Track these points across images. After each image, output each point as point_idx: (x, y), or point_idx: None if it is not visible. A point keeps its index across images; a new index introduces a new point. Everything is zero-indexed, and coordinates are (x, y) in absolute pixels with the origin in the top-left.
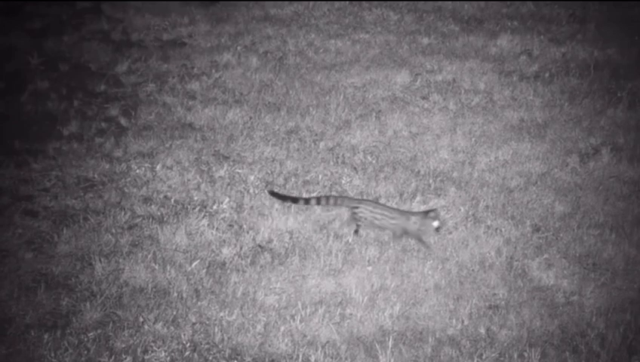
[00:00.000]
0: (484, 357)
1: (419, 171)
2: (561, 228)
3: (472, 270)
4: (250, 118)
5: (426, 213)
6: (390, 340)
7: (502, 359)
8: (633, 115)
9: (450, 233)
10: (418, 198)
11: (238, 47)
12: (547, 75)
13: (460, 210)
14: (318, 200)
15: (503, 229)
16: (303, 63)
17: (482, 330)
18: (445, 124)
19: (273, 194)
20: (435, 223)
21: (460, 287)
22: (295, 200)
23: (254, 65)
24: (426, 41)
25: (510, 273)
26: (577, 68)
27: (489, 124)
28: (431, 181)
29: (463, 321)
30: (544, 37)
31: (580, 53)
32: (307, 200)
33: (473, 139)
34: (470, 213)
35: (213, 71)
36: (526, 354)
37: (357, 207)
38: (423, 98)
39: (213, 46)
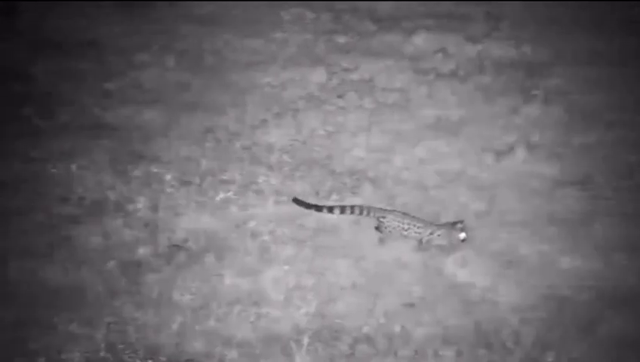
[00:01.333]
0: (399, 354)
1: (335, 170)
2: (477, 225)
3: (388, 268)
4: (167, 117)
5: (453, 224)
6: (306, 338)
7: (417, 356)
8: (548, 112)
9: (366, 231)
10: (334, 197)
11: (155, 47)
12: (463, 73)
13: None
14: (343, 209)
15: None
16: (220, 62)
17: (398, 328)
18: (361, 123)
19: (297, 202)
20: (462, 235)
21: (375, 285)
22: (319, 208)
23: (171, 64)
24: (342, 39)
25: (426, 271)
26: (493, 66)
27: (405, 122)
28: (347, 179)
29: (378, 319)
30: (460, 35)
31: (495, 51)
32: (331, 209)
33: (389, 138)
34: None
35: (130, 70)
36: (441, 352)
37: (384, 217)
38: (339, 97)
39: (130, 46)
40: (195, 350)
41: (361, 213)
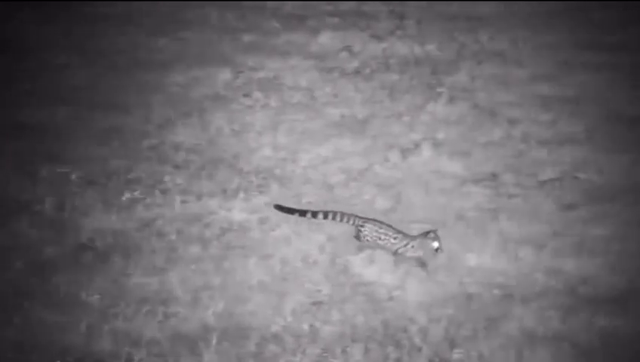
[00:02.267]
0: (307, 352)
1: (242, 168)
2: (383, 223)
3: (296, 267)
4: (74, 117)
5: (426, 234)
6: (214, 338)
7: (325, 355)
8: (453, 110)
9: (274, 230)
10: (241, 195)
11: (63, 47)
12: (368, 71)
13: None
14: (325, 214)
15: (325, 225)
16: (127, 62)
17: (306, 326)
18: (267, 122)
19: (280, 208)
20: (435, 244)
21: (283, 284)
22: (303, 213)
23: (81, 64)
24: (247, 38)
25: (333, 269)
26: (397, 64)
27: (311, 120)
28: (254, 178)
29: (286, 318)
30: (365, 33)
31: (400, 49)
32: (315, 214)
33: (295, 136)
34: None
35: (38, 71)
36: (349, 350)
37: (362, 226)
38: (245, 95)
39: (41, 46)
40: (104, 350)
41: (341, 220)
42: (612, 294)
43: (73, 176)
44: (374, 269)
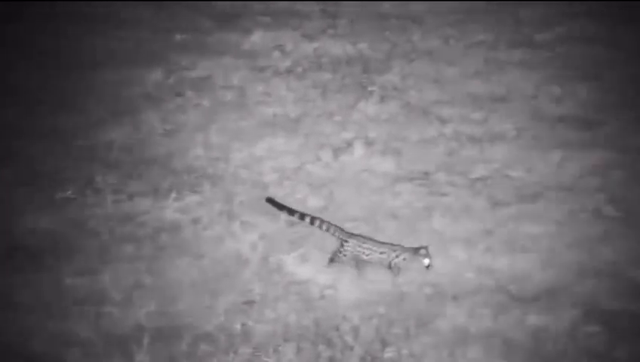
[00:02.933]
0: (239, 352)
1: (174, 168)
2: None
3: (228, 266)
4: (5, 116)
5: (417, 249)
6: (146, 337)
7: (258, 354)
8: (384, 108)
9: (206, 230)
10: (173, 195)
11: None
12: (300, 70)
13: (215, 206)
14: (313, 220)
15: (257, 224)
16: (60, 61)
17: (238, 326)
18: (200, 121)
19: (271, 201)
20: (426, 261)
21: (215, 284)
22: (291, 212)
23: (12, 63)
24: (180, 37)
25: (266, 268)
26: (329, 63)
27: (243, 119)
28: (186, 177)
29: (219, 317)
30: (297, 32)
31: (332, 48)
32: (302, 216)
33: (228, 135)
34: (225, 208)
35: None
36: (281, 349)
37: (346, 241)
38: (178, 95)
39: None
40: (37, 351)
41: (327, 230)
42: (542, 291)
43: (4, 176)
44: (307, 268)
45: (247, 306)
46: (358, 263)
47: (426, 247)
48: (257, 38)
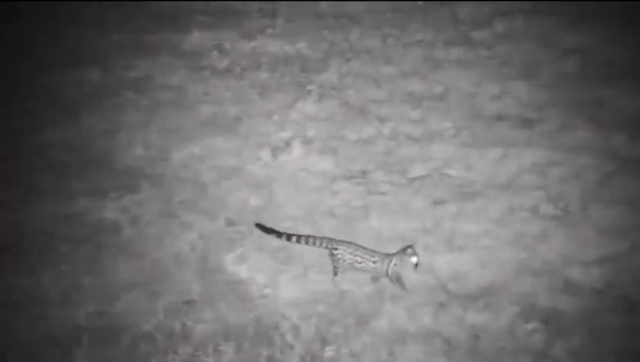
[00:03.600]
0: (179, 352)
1: (113, 168)
2: (255, 221)
3: (167, 266)
4: None
5: (404, 250)
6: (85, 338)
7: (197, 353)
8: (323, 107)
9: (145, 229)
10: (112, 195)
11: None
12: (238, 69)
13: (154, 205)
14: (299, 238)
15: (197, 224)
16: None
17: (177, 325)
18: (139, 120)
19: (260, 227)
20: (414, 259)
21: (155, 283)
22: (279, 234)
23: None
24: (118, 37)
25: (205, 268)
26: (268, 62)
27: (182, 119)
28: (125, 177)
29: (158, 317)
30: (235, 32)
31: (270, 47)
32: (289, 237)
33: (166, 135)
34: (164, 208)
35: None
36: (221, 348)
37: (336, 249)
38: (117, 94)
39: None
40: None
41: (314, 244)
42: (481, 290)
43: None
44: (246, 267)
45: (186, 306)
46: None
47: (411, 246)
48: (196, 37)
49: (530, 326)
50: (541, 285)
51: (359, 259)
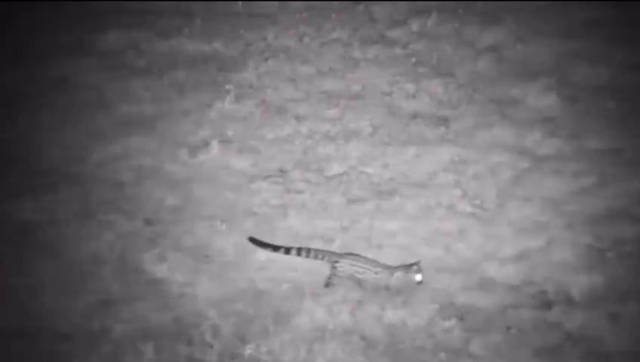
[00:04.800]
0: (99, 352)
1: (31, 169)
2: (173, 220)
3: (86, 266)
4: None
5: (409, 266)
6: (4, 338)
7: (117, 353)
8: (240, 107)
9: (63, 229)
10: (30, 195)
11: None
12: (156, 69)
13: (71, 206)
14: (299, 251)
15: (115, 224)
16: None
17: (97, 325)
18: (57, 120)
19: (254, 241)
20: (419, 276)
21: (74, 284)
22: (276, 248)
23: None
24: (33, 37)
25: (124, 267)
26: (185, 62)
27: (101, 119)
28: (43, 178)
29: (78, 317)
30: (152, 31)
31: (187, 46)
32: (288, 250)
33: (84, 135)
34: (82, 208)
35: None
36: (141, 348)
37: (337, 262)
38: (33, 95)
39: None
40: None
41: (316, 257)
42: (399, 287)
43: None
44: (165, 266)
45: (105, 306)
46: (356, 281)
47: (417, 263)
48: (113, 37)
49: (448, 323)
50: (458, 282)
51: (360, 270)
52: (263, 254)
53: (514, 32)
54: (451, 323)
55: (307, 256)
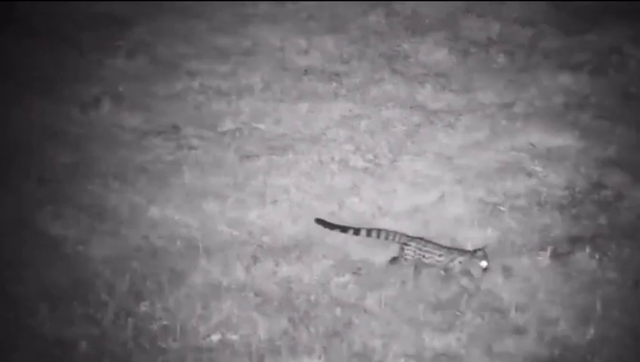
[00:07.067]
0: None
1: None
2: (66, 178)
3: None
4: None
5: (474, 252)
6: None
7: (10, 312)
8: (132, 64)
9: None
10: None
11: None
12: (46, 28)
13: None
14: (369, 231)
15: (8, 182)
16: None
17: None
18: None
19: (321, 222)
20: (483, 263)
21: None
22: (345, 229)
23: None
24: None
25: (17, 226)
26: (77, 19)
27: None
28: None
29: None
30: None
31: (80, 5)
32: (357, 231)
33: None
34: None
35: None
36: (35, 307)
37: (407, 244)
38: None
39: None
40: None
41: (387, 238)
42: (294, 243)
43: None
44: (59, 224)
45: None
46: (417, 267)
47: (483, 249)
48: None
49: (342, 279)
50: (352, 237)
51: (427, 254)
52: (156, 212)
53: None
54: (346, 278)
55: (378, 237)
